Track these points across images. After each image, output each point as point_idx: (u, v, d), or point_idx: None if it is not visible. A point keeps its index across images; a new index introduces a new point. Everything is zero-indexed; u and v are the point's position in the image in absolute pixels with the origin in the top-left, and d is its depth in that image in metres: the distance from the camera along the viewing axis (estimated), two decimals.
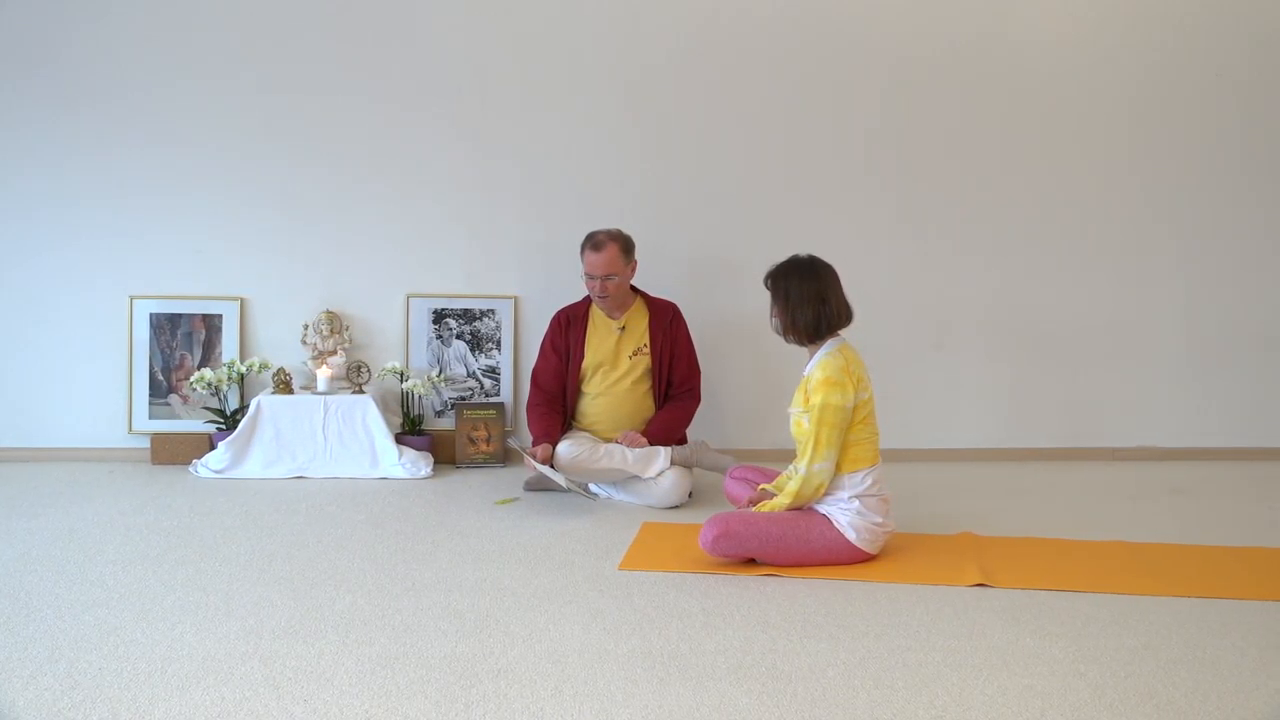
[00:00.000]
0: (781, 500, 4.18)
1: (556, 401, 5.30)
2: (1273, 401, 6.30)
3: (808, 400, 4.16)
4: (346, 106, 5.87)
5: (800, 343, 4.26)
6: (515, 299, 5.96)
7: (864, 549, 4.14)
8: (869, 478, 4.17)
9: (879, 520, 4.17)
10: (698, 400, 5.39)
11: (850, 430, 4.15)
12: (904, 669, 3.21)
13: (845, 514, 4.14)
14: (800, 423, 4.19)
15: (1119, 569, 4.15)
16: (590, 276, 5.20)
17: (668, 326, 5.32)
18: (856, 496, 4.14)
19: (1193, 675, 3.19)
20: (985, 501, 5.19)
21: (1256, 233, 6.26)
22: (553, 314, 5.43)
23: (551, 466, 4.98)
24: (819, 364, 4.17)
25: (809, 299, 4.18)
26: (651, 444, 5.15)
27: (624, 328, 5.32)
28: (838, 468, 4.15)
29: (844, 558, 4.14)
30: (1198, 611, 3.70)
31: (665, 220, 5.95)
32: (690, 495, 5.14)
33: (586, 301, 5.38)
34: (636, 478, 5.07)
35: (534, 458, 4.95)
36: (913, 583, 3.97)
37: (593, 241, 5.19)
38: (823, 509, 4.18)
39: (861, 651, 3.32)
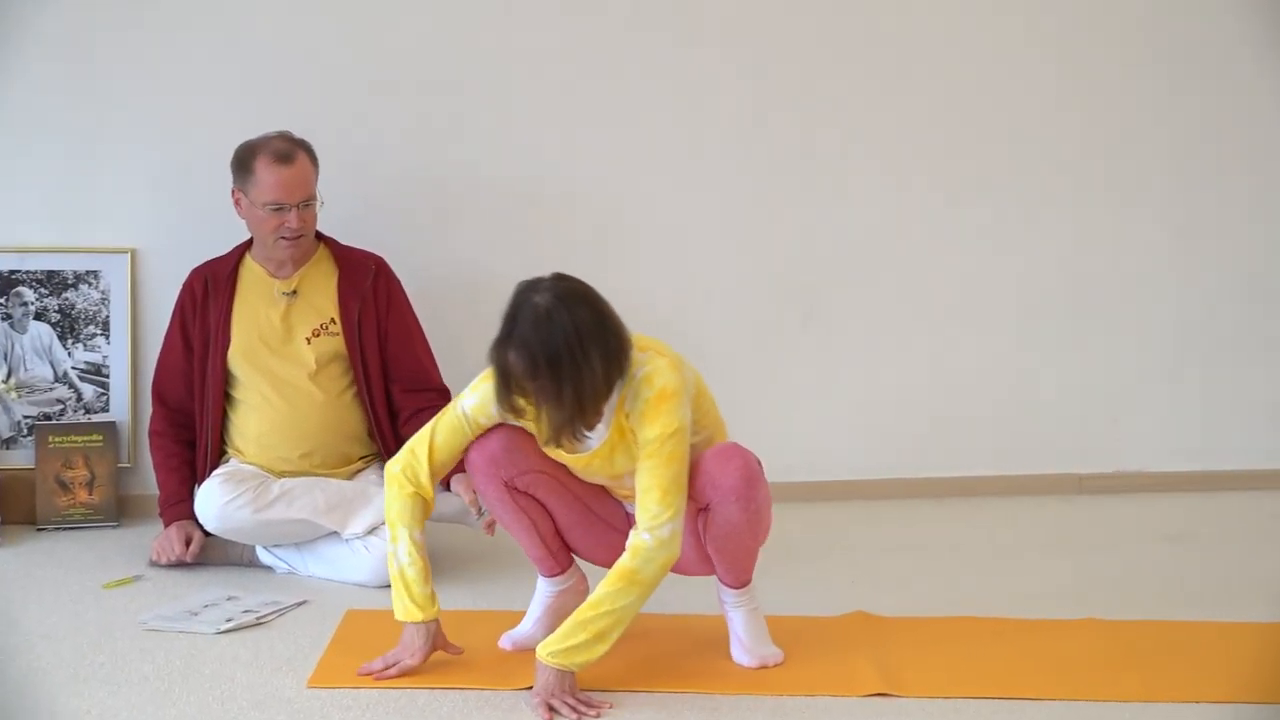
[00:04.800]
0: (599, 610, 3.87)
1: (194, 425, 5.25)
2: None
3: (638, 449, 4.00)
4: None
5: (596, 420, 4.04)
6: (131, 253, 5.88)
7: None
8: None
9: None
10: (449, 401, 5.27)
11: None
12: None
13: None
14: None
15: (1086, 661, 4.23)
16: (279, 206, 5.09)
17: (369, 292, 5.27)
18: None
19: None
20: (880, 560, 5.25)
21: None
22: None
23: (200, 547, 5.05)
24: (641, 385, 3.97)
25: (592, 349, 3.87)
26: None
27: (294, 291, 5.25)
28: None
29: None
30: None
31: (364, 131, 5.93)
32: None
33: (237, 254, 5.31)
34: (334, 536, 5.01)
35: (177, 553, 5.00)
36: (778, 694, 3.99)
37: (274, 151, 5.09)
38: None
39: None
